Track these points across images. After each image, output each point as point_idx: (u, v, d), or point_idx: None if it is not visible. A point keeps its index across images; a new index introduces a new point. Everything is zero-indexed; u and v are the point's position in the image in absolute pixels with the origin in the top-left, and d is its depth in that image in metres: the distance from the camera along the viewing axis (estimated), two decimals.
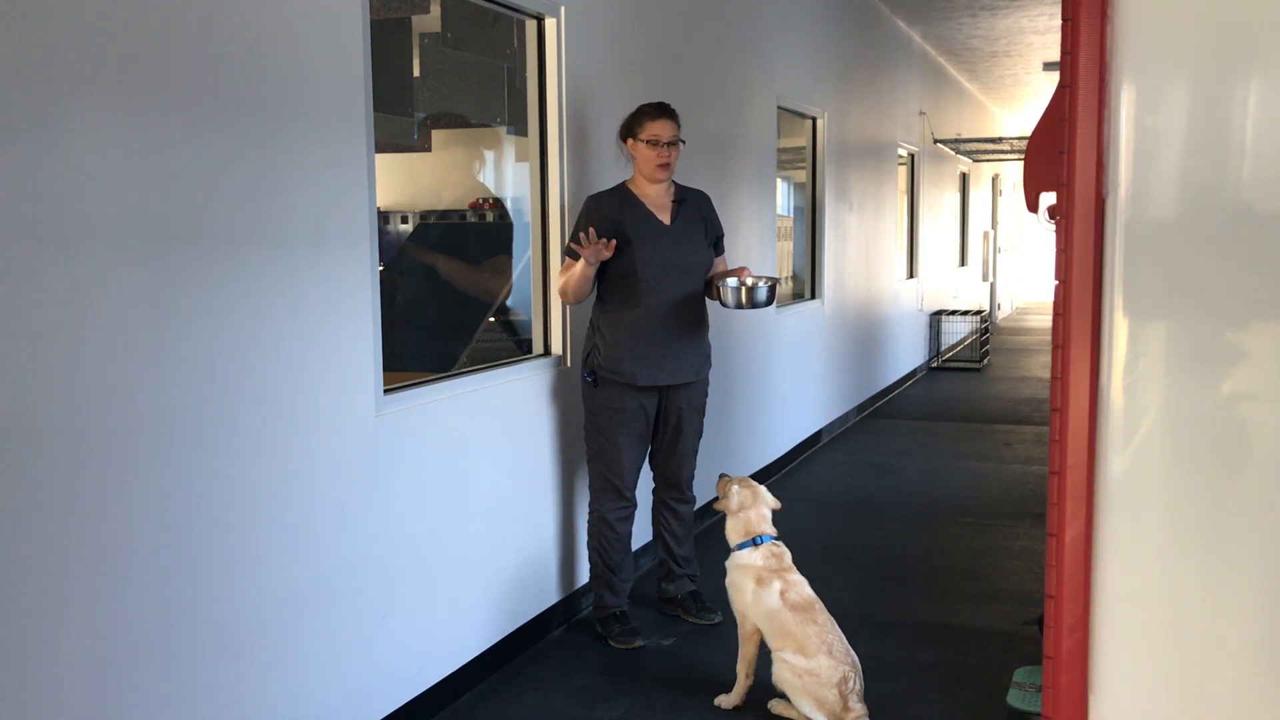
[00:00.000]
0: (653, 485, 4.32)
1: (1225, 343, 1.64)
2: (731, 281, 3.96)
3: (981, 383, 10.73)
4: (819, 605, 3.40)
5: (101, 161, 2.31)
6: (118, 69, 2.34)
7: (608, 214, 3.94)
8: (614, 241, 3.81)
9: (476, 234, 5.14)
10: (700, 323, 4.12)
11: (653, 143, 3.95)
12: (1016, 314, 18.89)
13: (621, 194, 4.03)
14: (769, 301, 4.00)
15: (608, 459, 4.03)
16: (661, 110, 3.99)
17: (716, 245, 4.19)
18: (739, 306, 3.98)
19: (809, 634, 3.30)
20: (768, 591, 3.40)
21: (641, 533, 4.67)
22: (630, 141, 4.02)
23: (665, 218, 4.03)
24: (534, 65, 4.18)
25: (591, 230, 3.75)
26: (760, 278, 3.98)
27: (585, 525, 4.27)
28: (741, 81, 6.03)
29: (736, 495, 3.57)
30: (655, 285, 3.95)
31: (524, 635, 4.01)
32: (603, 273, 3.95)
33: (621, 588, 4.14)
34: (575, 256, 3.92)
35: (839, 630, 3.36)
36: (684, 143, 4.05)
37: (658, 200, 4.03)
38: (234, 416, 2.67)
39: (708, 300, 4.16)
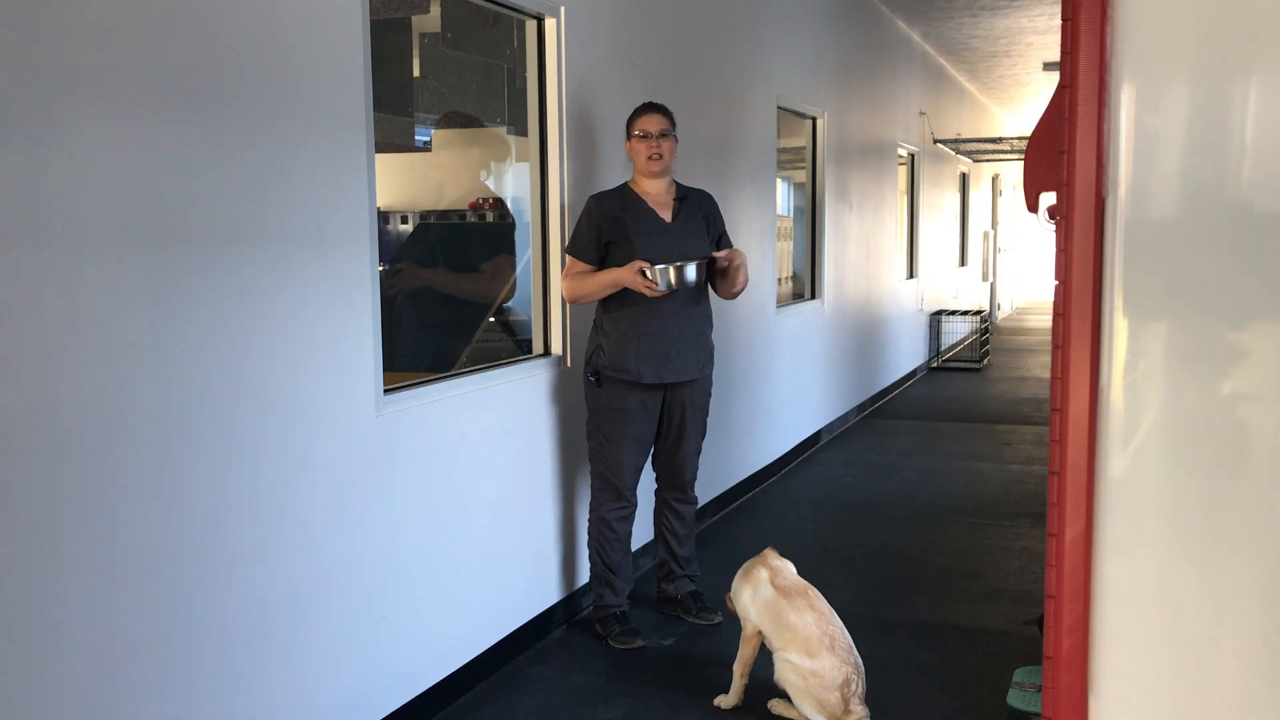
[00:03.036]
0: (655, 486, 4.32)
1: (1225, 343, 1.64)
2: (660, 265, 3.85)
3: (981, 383, 10.72)
4: (813, 592, 3.40)
5: (100, 161, 2.31)
6: (116, 68, 2.34)
7: (609, 212, 3.95)
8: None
9: (477, 234, 5.14)
10: (703, 319, 4.12)
11: (642, 136, 3.98)
12: (1016, 314, 18.89)
13: (623, 193, 4.04)
14: (698, 282, 3.91)
15: (608, 459, 4.03)
16: (650, 106, 4.03)
17: (720, 243, 4.18)
18: (670, 289, 3.85)
19: (809, 624, 3.29)
20: (760, 585, 3.41)
21: (642, 533, 4.67)
22: (628, 143, 4.05)
23: (666, 215, 4.03)
24: (534, 65, 4.18)
25: (648, 273, 3.80)
26: (689, 260, 3.90)
27: (585, 525, 4.27)
28: (741, 81, 6.03)
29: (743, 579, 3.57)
30: None
31: (524, 635, 4.01)
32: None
33: (621, 588, 4.13)
34: (580, 256, 3.93)
35: (841, 623, 3.36)
36: (677, 139, 4.06)
37: (659, 198, 4.04)
38: (233, 416, 2.67)
39: (711, 300, 4.16)
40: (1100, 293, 1.71)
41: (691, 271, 3.87)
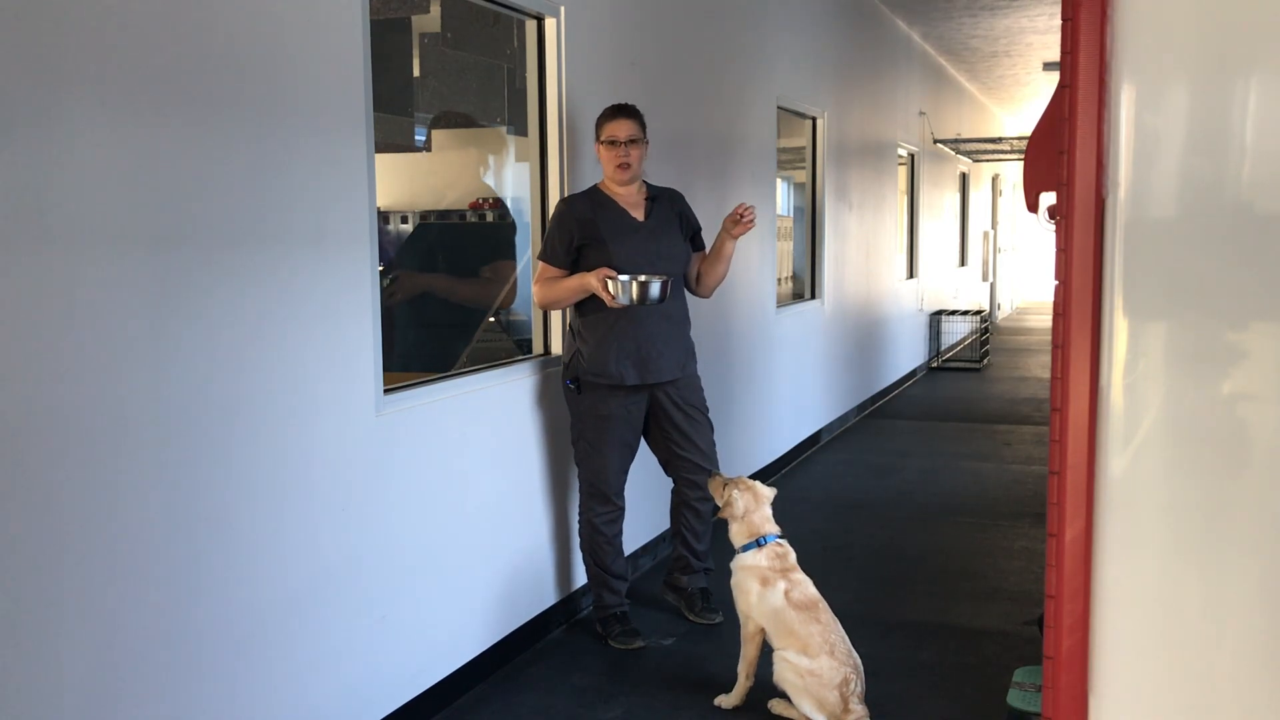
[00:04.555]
0: (672, 486, 4.28)
1: (1225, 343, 1.64)
2: (624, 276, 3.76)
3: (981, 383, 10.73)
4: (823, 604, 3.40)
5: (100, 160, 2.31)
6: (116, 68, 2.34)
7: (580, 215, 3.90)
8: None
9: (476, 234, 5.14)
10: (681, 319, 4.08)
11: (610, 143, 3.91)
12: (1016, 314, 18.89)
13: (594, 195, 4.00)
14: (661, 299, 3.79)
15: (593, 465, 4.02)
16: (619, 111, 3.94)
17: (695, 240, 4.15)
18: (630, 303, 3.75)
19: (812, 633, 3.30)
20: (772, 591, 3.40)
21: (645, 531, 4.68)
22: (596, 145, 3.98)
23: (639, 215, 3.99)
24: (534, 65, 4.18)
25: (610, 282, 3.72)
26: (655, 275, 3.78)
27: None
28: (741, 81, 6.03)
29: (740, 500, 3.55)
30: None
31: (524, 635, 4.01)
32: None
33: (619, 587, 4.13)
34: (551, 262, 3.91)
35: (842, 630, 3.36)
36: (647, 142, 3.99)
37: (630, 199, 3.99)
38: (234, 416, 2.67)
39: (686, 298, 4.14)
40: (1100, 293, 1.71)
41: (655, 289, 3.75)
